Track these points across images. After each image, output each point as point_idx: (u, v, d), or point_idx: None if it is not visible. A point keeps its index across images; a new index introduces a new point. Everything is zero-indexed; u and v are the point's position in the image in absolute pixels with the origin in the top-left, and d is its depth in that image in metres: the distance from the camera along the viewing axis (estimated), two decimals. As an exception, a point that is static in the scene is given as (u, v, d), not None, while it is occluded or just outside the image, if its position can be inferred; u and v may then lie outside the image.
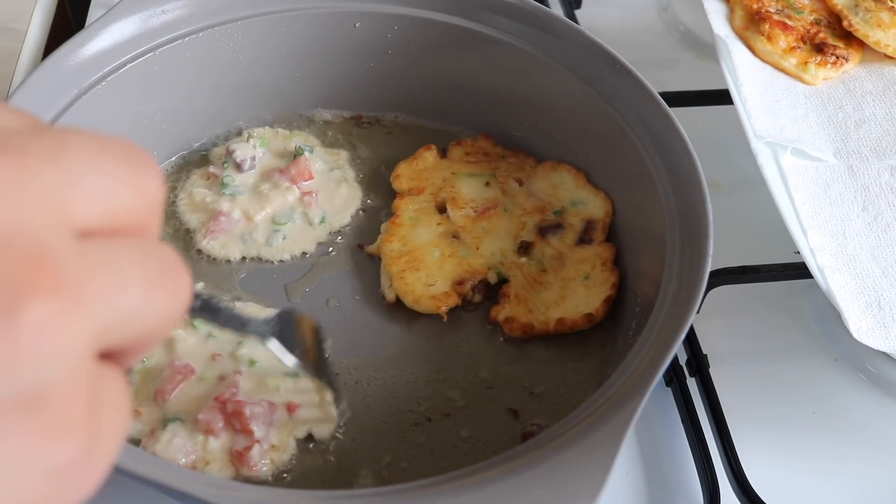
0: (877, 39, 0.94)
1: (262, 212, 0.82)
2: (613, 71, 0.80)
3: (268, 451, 0.67)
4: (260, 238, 0.81)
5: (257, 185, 0.84)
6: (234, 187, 0.83)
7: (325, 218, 0.84)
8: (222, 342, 0.73)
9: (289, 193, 0.83)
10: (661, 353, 0.60)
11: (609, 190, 0.83)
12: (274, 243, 0.81)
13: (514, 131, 0.89)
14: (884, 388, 0.81)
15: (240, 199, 0.83)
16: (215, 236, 0.81)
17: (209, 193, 0.83)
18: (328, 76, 0.91)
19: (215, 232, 0.81)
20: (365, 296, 0.80)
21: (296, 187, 0.84)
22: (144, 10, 0.80)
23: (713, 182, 0.71)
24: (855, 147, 0.88)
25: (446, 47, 0.87)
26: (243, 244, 0.81)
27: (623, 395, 0.58)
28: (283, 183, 0.84)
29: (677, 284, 0.66)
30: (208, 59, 0.84)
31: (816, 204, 0.82)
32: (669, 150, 0.74)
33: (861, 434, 0.78)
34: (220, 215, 0.81)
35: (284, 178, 0.84)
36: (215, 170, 0.85)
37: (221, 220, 0.81)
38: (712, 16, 0.96)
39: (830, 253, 0.77)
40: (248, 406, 0.67)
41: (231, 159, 0.85)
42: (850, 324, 0.72)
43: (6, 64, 0.97)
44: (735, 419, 0.74)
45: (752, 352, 0.84)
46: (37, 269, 0.25)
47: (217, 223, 0.81)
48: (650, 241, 0.73)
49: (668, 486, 0.73)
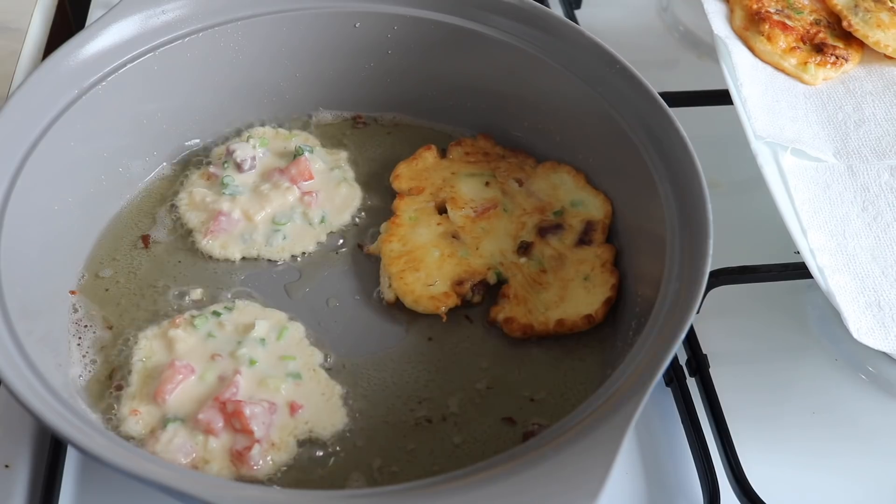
0: (876, 40, 0.94)
1: (262, 212, 0.82)
2: (613, 71, 0.80)
3: (268, 450, 0.67)
4: (260, 238, 0.81)
5: (257, 185, 0.84)
6: (235, 187, 0.83)
7: (325, 218, 0.84)
8: (222, 342, 0.73)
9: (289, 193, 0.83)
10: (661, 353, 0.60)
11: (609, 190, 0.83)
12: (274, 243, 0.81)
13: (514, 131, 0.89)
14: (883, 388, 0.81)
15: (240, 199, 0.83)
16: (215, 236, 0.81)
17: (209, 193, 0.83)
18: (328, 76, 0.91)
19: (215, 231, 0.81)
20: (365, 296, 0.80)
21: (296, 187, 0.84)
22: (144, 10, 0.80)
23: (713, 182, 0.71)
24: (855, 147, 0.88)
25: (446, 47, 0.87)
26: (243, 244, 0.81)
27: (623, 395, 0.58)
28: (283, 183, 0.84)
29: (677, 284, 0.66)
30: (208, 59, 0.84)
31: (816, 204, 0.82)
32: (669, 150, 0.74)
33: (860, 433, 0.78)
34: (220, 215, 0.81)
35: (284, 178, 0.84)
36: (215, 170, 0.85)
37: (221, 219, 0.81)
38: (712, 16, 0.96)
39: (830, 253, 0.77)
40: (248, 406, 0.67)
41: (231, 159, 0.85)
42: (849, 324, 0.72)
43: (7, 64, 0.97)
44: (735, 419, 0.75)
45: (752, 352, 0.84)
46: None
47: (217, 223, 0.81)
48: (650, 241, 0.73)
49: (668, 486, 0.73)
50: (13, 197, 0.69)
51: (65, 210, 0.77)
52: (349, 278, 0.81)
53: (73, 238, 0.79)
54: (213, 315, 0.75)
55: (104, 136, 0.80)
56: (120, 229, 0.83)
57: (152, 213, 0.84)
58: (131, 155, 0.84)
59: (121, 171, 0.83)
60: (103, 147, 0.80)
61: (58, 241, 0.76)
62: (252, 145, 0.86)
